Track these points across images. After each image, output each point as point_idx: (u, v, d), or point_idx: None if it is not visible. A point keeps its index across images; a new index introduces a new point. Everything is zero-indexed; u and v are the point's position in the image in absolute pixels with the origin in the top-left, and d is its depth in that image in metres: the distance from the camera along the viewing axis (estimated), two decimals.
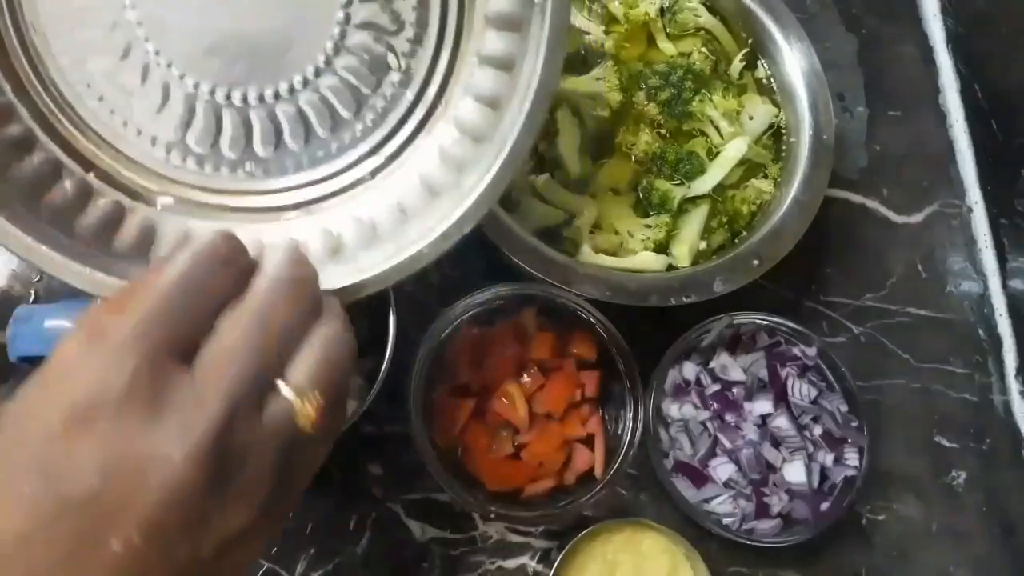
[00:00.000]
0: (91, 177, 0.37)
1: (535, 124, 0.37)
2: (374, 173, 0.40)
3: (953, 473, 0.65)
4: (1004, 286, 0.71)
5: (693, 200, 0.61)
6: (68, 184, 0.37)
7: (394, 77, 0.38)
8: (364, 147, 0.39)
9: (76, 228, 0.36)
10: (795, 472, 0.57)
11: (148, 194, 0.38)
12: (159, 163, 0.38)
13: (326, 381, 0.30)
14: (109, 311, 0.28)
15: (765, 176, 0.63)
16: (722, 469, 0.57)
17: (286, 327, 0.29)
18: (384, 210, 0.39)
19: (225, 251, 0.30)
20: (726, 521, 0.57)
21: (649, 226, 0.59)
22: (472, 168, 0.38)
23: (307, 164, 0.39)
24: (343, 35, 0.37)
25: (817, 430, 0.59)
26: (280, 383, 0.29)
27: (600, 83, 0.61)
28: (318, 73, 0.37)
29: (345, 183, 0.39)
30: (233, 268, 0.30)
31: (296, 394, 0.29)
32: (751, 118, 0.64)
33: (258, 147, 0.38)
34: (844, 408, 0.59)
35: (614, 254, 0.59)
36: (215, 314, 0.29)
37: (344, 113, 0.38)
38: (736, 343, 0.61)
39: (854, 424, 0.59)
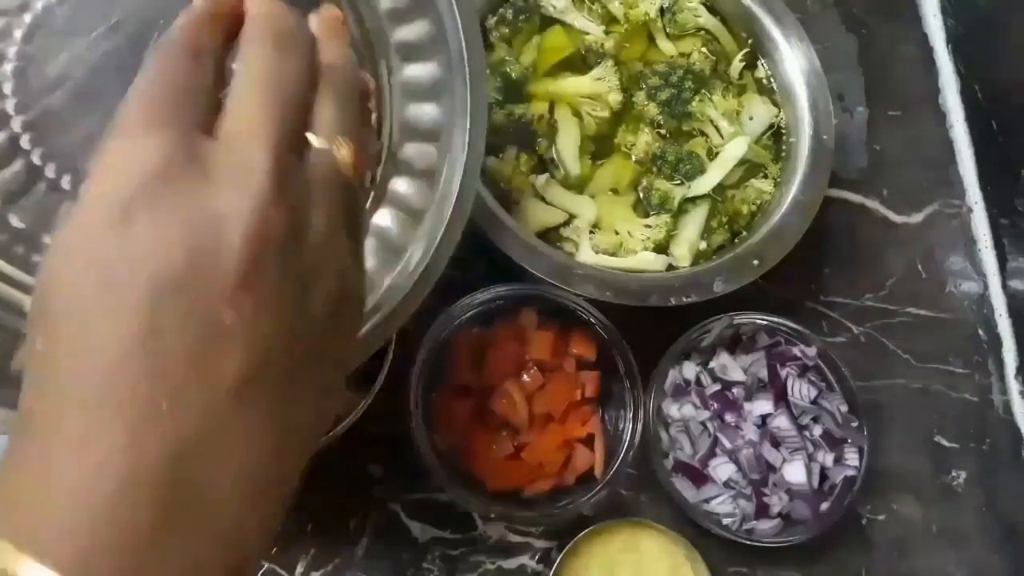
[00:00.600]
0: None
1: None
2: None
3: (953, 473, 0.65)
4: (1004, 286, 0.71)
5: (693, 200, 0.61)
6: None
7: None
8: None
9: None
10: (795, 472, 0.57)
11: None
12: None
13: (349, 123, 0.29)
14: (126, 99, 0.26)
15: (765, 176, 0.63)
16: (722, 469, 0.57)
17: (296, 81, 0.28)
18: None
19: (192, 33, 0.28)
20: (726, 521, 0.57)
21: (649, 226, 0.59)
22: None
23: None
24: None
25: (817, 430, 0.59)
26: (310, 136, 0.27)
27: (600, 83, 0.61)
28: None
29: None
30: (205, 39, 0.28)
31: (326, 141, 0.27)
32: (751, 118, 0.64)
33: None
34: (844, 408, 0.59)
35: (614, 254, 0.59)
36: (221, 79, 0.27)
37: None
38: (736, 343, 0.61)
39: (854, 424, 0.59)
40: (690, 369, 0.60)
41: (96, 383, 0.21)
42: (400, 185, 0.39)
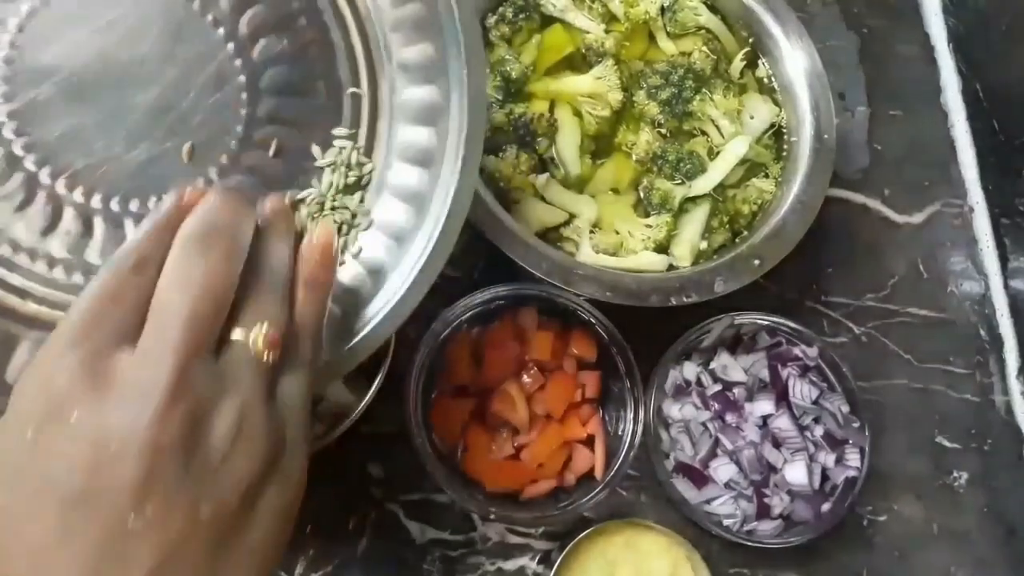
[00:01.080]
0: None
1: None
2: None
3: (954, 473, 0.65)
4: (1005, 286, 0.71)
5: (694, 200, 0.61)
6: None
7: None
8: None
9: None
10: (796, 473, 0.57)
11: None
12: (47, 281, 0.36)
13: (270, 312, 0.31)
14: (61, 321, 0.29)
15: (766, 176, 0.63)
16: (723, 470, 0.57)
17: (218, 278, 0.30)
18: None
19: (142, 253, 0.31)
20: (727, 522, 0.57)
21: (649, 226, 0.59)
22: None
23: None
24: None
25: (818, 431, 0.58)
26: (235, 330, 0.30)
27: (600, 82, 0.61)
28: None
29: None
30: (152, 267, 0.30)
31: (243, 332, 0.30)
32: (752, 117, 0.64)
33: None
34: (845, 408, 0.59)
35: (614, 254, 0.58)
36: (145, 292, 0.29)
37: None
38: (737, 343, 0.61)
39: (855, 424, 0.59)
40: (691, 369, 0.59)
41: None
42: (391, 204, 0.39)
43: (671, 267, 0.59)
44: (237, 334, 0.30)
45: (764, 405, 0.58)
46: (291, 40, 0.37)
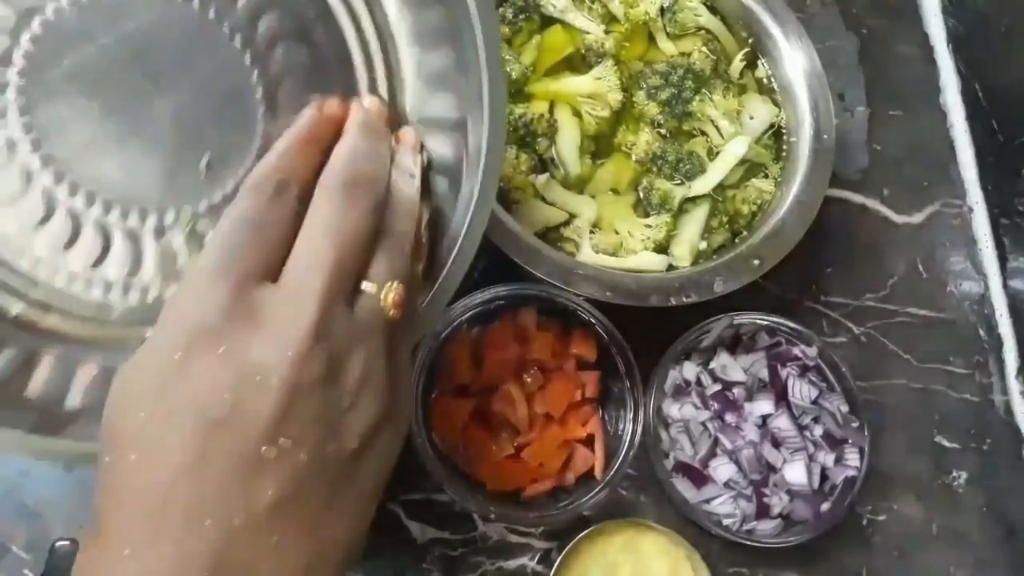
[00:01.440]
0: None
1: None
2: None
3: (954, 473, 0.65)
4: (1005, 286, 0.71)
5: (693, 200, 0.61)
6: None
7: None
8: None
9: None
10: (795, 472, 0.57)
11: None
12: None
13: (400, 269, 0.32)
14: (200, 254, 0.30)
15: (765, 176, 0.63)
16: (722, 470, 0.57)
17: (358, 234, 0.31)
18: None
19: (283, 172, 0.32)
20: (726, 522, 0.57)
21: (649, 226, 0.59)
22: None
23: None
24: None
25: (818, 430, 0.59)
26: (364, 283, 0.31)
27: (600, 83, 0.61)
28: None
29: None
30: (285, 198, 0.31)
31: (377, 286, 0.31)
32: (751, 118, 0.64)
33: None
34: (845, 408, 0.59)
35: (614, 254, 0.58)
36: (285, 236, 0.31)
37: None
38: (736, 343, 0.61)
39: (855, 424, 0.59)
40: (690, 369, 0.60)
41: (152, 499, 0.26)
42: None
43: (671, 267, 0.59)
44: (370, 287, 0.31)
45: (763, 405, 0.58)
46: (309, 49, 0.37)
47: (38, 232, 0.34)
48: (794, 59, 0.64)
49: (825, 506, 0.57)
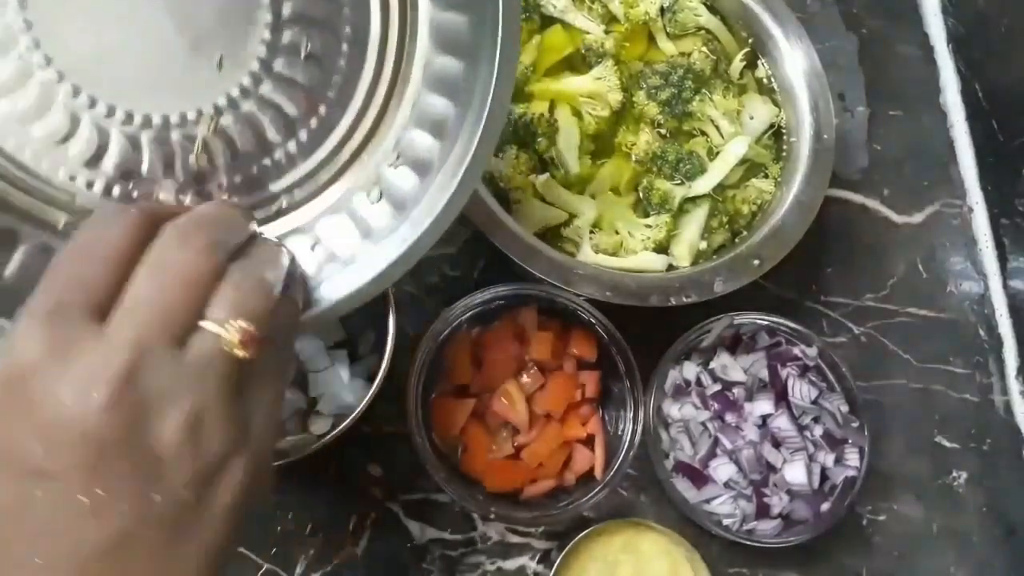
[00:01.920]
0: None
1: (491, 136, 0.36)
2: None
3: (953, 473, 0.65)
4: (1005, 286, 0.71)
5: (693, 200, 0.61)
6: None
7: (330, 93, 0.37)
8: (306, 166, 0.38)
9: None
10: (795, 472, 0.57)
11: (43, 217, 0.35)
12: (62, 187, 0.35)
13: (250, 309, 0.30)
14: (36, 289, 0.29)
15: (765, 176, 0.63)
16: (722, 470, 0.57)
17: (189, 270, 0.29)
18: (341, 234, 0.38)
19: (127, 214, 0.31)
20: (726, 522, 0.57)
21: (649, 226, 0.59)
22: (413, 205, 0.37)
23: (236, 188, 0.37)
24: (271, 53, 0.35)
25: (818, 430, 0.59)
26: (202, 321, 0.29)
27: (600, 83, 0.61)
28: (244, 93, 0.35)
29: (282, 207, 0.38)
30: (140, 225, 0.30)
31: (217, 324, 0.29)
32: (751, 118, 0.64)
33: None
34: (845, 408, 0.59)
35: (614, 254, 0.58)
36: (125, 270, 0.29)
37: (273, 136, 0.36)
38: (736, 343, 0.61)
39: (854, 424, 0.59)
40: (690, 369, 0.60)
41: None
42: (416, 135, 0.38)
43: (671, 267, 0.59)
44: (208, 325, 0.29)
45: (763, 405, 0.58)
46: None
47: (65, 146, 0.34)
48: (794, 59, 0.64)
49: (825, 506, 0.57)
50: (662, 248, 0.59)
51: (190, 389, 0.28)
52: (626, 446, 0.54)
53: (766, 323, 0.60)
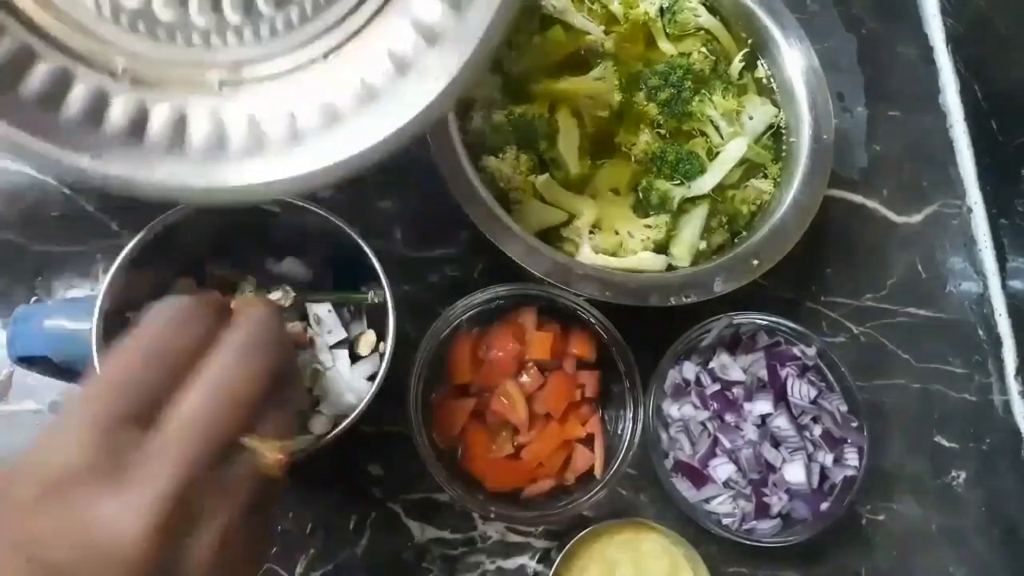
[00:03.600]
0: (33, 40, 0.34)
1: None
2: (327, 55, 0.37)
3: (953, 473, 0.65)
4: (1004, 286, 0.71)
5: (693, 200, 0.61)
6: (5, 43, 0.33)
7: None
8: (319, 24, 0.36)
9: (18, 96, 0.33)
10: (795, 472, 0.57)
11: (95, 58, 0.35)
12: (105, 27, 0.35)
13: (284, 431, 0.31)
14: (83, 387, 0.29)
15: (765, 176, 0.63)
16: (722, 469, 0.57)
17: (247, 392, 0.30)
18: (346, 91, 0.37)
19: (186, 318, 0.31)
20: (726, 521, 0.57)
21: (649, 226, 0.59)
22: (444, 43, 0.36)
23: (261, 35, 0.36)
24: None
25: (817, 430, 0.59)
26: (249, 440, 0.30)
27: (600, 83, 0.61)
28: None
29: (300, 61, 0.37)
30: (195, 332, 0.31)
31: (260, 443, 0.30)
32: (751, 118, 0.64)
33: (229, 11, 0.35)
34: (844, 408, 0.59)
35: (614, 254, 0.59)
36: (180, 378, 0.29)
37: None
38: (736, 343, 0.61)
39: (854, 424, 0.59)
40: (690, 369, 0.60)
41: None
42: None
43: (670, 267, 0.59)
44: (251, 443, 0.30)
45: (763, 404, 0.58)
46: None
47: None
48: (793, 59, 0.64)
49: (824, 506, 0.57)
50: (662, 248, 0.59)
51: (227, 506, 0.29)
52: (626, 446, 0.54)
53: (765, 323, 0.60)
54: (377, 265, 0.48)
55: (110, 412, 0.28)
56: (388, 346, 0.49)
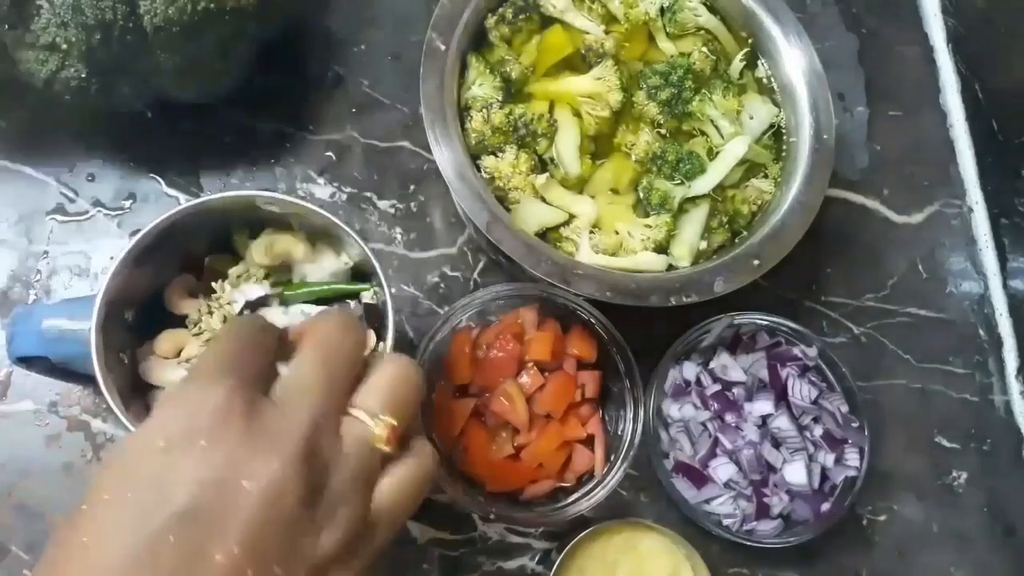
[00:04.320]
0: None
1: None
2: None
3: (953, 473, 0.65)
4: (1004, 286, 0.71)
5: (693, 200, 0.61)
6: None
7: None
8: None
9: None
10: (795, 473, 0.57)
11: None
12: None
13: (395, 406, 0.32)
14: (198, 359, 0.32)
15: (765, 176, 0.63)
16: (722, 470, 0.57)
17: (350, 359, 0.32)
18: None
19: (261, 321, 0.35)
20: (726, 522, 0.57)
21: (649, 226, 0.59)
22: None
23: None
24: None
25: (818, 430, 0.59)
26: (352, 409, 0.31)
27: (600, 83, 0.61)
28: None
29: None
30: (274, 329, 0.34)
31: (368, 415, 0.31)
32: (751, 118, 0.64)
33: None
34: (844, 408, 0.59)
35: (614, 254, 0.58)
36: (286, 344, 0.33)
37: None
38: (736, 343, 0.61)
39: (855, 424, 0.59)
40: (690, 369, 0.60)
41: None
42: None
43: (670, 267, 0.59)
44: (359, 414, 0.31)
45: (763, 405, 0.58)
46: None
47: None
48: (794, 59, 0.64)
49: (825, 506, 0.57)
50: (662, 248, 0.59)
51: (343, 471, 0.29)
52: (626, 446, 0.54)
53: (766, 323, 0.60)
54: (377, 265, 0.48)
55: (236, 369, 0.30)
56: (388, 346, 0.49)
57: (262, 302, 0.50)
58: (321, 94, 0.66)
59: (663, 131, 0.62)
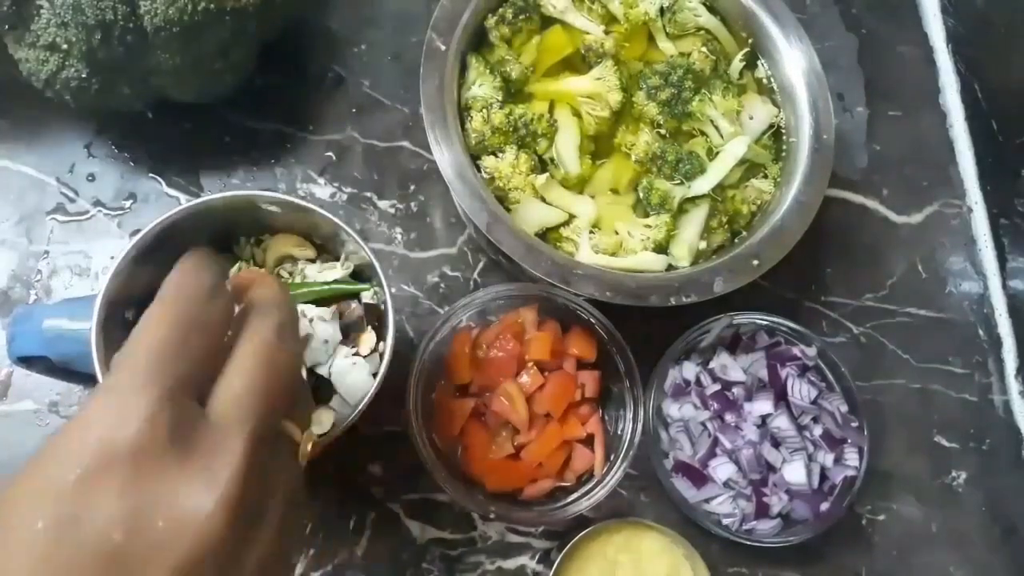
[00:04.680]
0: None
1: None
2: None
3: (953, 473, 0.65)
4: (1004, 286, 0.71)
5: (693, 200, 0.61)
6: None
7: None
8: None
9: None
10: (795, 472, 0.57)
11: None
12: None
13: (310, 418, 0.32)
14: (121, 354, 0.27)
15: (765, 176, 0.63)
16: (722, 469, 0.57)
17: (291, 370, 0.29)
18: None
19: (208, 283, 0.29)
20: (726, 521, 0.57)
21: (649, 226, 0.59)
22: None
23: None
24: None
25: (817, 430, 0.59)
26: (287, 424, 0.29)
27: (600, 83, 0.61)
28: None
29: None
30: (225, 302, 0.29)
31: (295, 429, 0.29)
32: (751, 118, 0.64)
33: None
34: (844, 408, 0.59)
35: (614, 254, 0.59)
36: (216, 351, 0.28)
37: None
38: (736, 343, 0.61)
39: (854, 424, 0.59)
40: (690, 369, 0.60)
41: None
42: None
43: (670, 267, 0.59)
44: (292, 430, 0.29)
45: (763, 405, 0.58)
46: None
47: None
48: (794, 59, 0.64)
49: (824, 506, 0.57)
50: (662, 248, 0.59)
51: (277, 492, 0.27)
52: (626, 446, 0.54)
53: (766, 323, 0.60)
54: (377, 265, 0.48)
55: (164, 374, 0.25)
56: (388, 346, 0.49)
57: None
58: (321, 94, 0.66)
59: (663, 131, 0.62)
